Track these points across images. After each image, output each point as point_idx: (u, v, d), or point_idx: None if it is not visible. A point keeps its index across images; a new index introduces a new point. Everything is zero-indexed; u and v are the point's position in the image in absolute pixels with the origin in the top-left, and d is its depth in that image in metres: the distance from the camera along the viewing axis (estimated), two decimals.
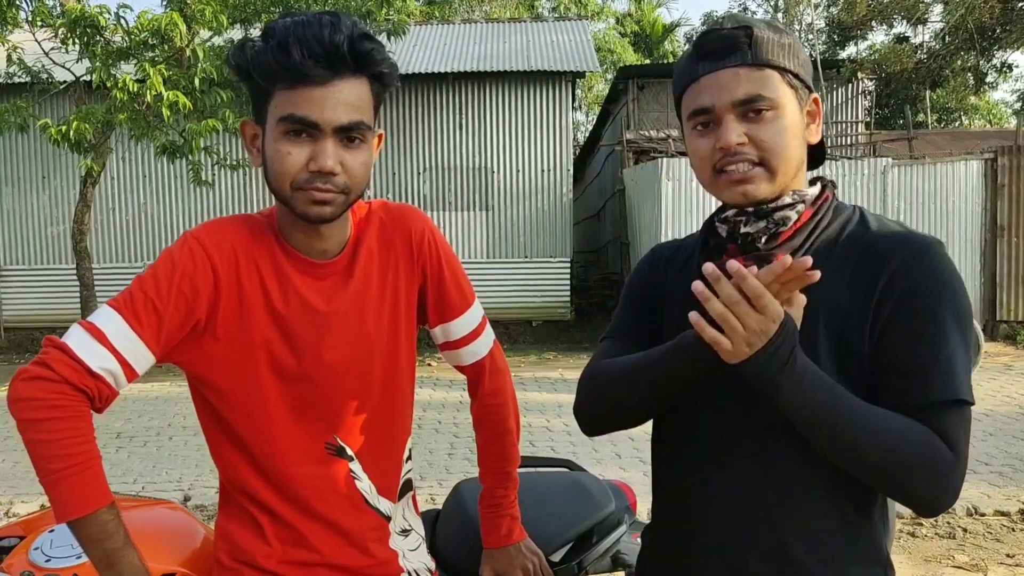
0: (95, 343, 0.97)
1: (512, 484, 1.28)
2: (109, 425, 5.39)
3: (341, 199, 1.03)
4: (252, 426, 1.09)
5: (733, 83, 0.94)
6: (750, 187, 0.94)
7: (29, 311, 9.46)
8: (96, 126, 6.47)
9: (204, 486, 4.21)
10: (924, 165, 8.77)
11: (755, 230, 0.97)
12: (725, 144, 0.94)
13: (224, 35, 6.93)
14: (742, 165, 0.94)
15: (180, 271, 1.02)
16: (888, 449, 0.86)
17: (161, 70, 6.16)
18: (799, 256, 0.82)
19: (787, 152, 0.94)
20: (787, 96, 0.94)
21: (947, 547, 3.34)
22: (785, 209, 0.96)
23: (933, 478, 0.86)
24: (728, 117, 0.94)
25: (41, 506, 3.96)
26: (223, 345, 1.06)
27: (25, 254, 9.48)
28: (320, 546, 1.11)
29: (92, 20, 6.40)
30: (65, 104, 8.08)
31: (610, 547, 1.42)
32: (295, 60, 0.97)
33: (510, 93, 9.43)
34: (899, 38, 13.53)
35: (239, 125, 1.12)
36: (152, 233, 9.39)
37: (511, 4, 19.99)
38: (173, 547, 1.24)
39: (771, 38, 0.95)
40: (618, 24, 23.18)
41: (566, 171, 9.53)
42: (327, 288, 1.10)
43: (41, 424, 0.94)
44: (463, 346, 1.24)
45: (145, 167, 9.25)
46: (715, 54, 0.95)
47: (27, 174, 9.38)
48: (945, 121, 21.08)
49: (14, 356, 9.28)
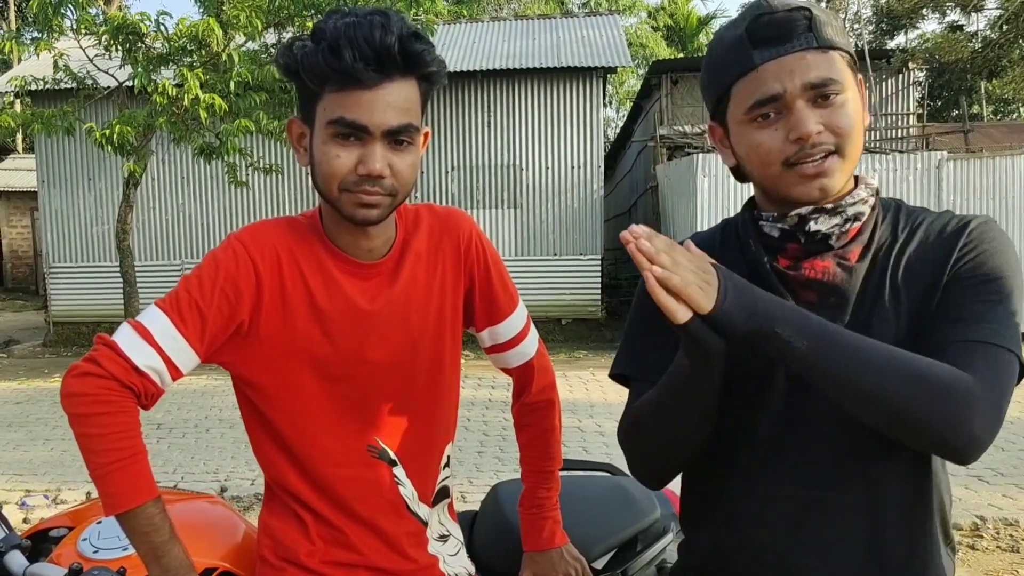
0: (141, 341, 0.99)
1: (555, 485, 1.26)
2: (151, 417, 5.56)
3: (388, 201, 1.02)
4: (294, 426, 1.09)
5: (802, 67, 0.86)
6: (827, 180, 0.88)
7: (75, 306, 9.80)
8: (138, 129, 6.67)
9: (240, 478, 4.34)
10: (982, 159, 8.43)
11: (827, 228, 0.90)
12: (805, 133, 0.86)
13: (258, 40, 7.07)
14: (819, 156, 0.87)
15: (223, 273, 1.03)
16: (898, 370, 0.80)
17: (198, 74, 6.33)
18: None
19: (859, 138, 0.89)
20: (851, 79, 0.89)
21: (1010, 561, 3.21)
22: (859, 204, 0.91)
23: (951, 408, 0.79)
24: (799, 104, 0.87)
25: (87, 495, 4.11)
26: (266, 346, 1.06)
27: (72, 252, 9.82)
28: (362, 547, 1.11)
29: (134, 27, 6.61)
30: (109, 109, 8.34)
31: (655, 556, 1.36)
32: (346, 63, 0.95)
33: (540, 90, 9.42)
34: (953, 26, 13.07)
35: (286, 124, 1.10)
36: (190, 232, 9.66)
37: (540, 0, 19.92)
38: (215, 541, 1.23)
39: (827, 19, 0.89)
40: (650, 18, 22.92)
41: (597, 168, 9.49)
42: (372, 288, 1.09)
43: (90, 418, 0.97)
44: (511, 348, 1.23)
45: (184, 169, 9.51)
46: (774, 40, 0.87)
47: (73, 176, 9.71)
48: (1002, 113, 20.30)
49: (62, 349, 9.63)
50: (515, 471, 1.42)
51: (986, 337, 0.83)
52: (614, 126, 20.30)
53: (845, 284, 0.90)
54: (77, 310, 9.80)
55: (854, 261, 0.91)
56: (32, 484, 4.34)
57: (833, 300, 0.91)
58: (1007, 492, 3.82)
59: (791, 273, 0.92)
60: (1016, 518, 3.52)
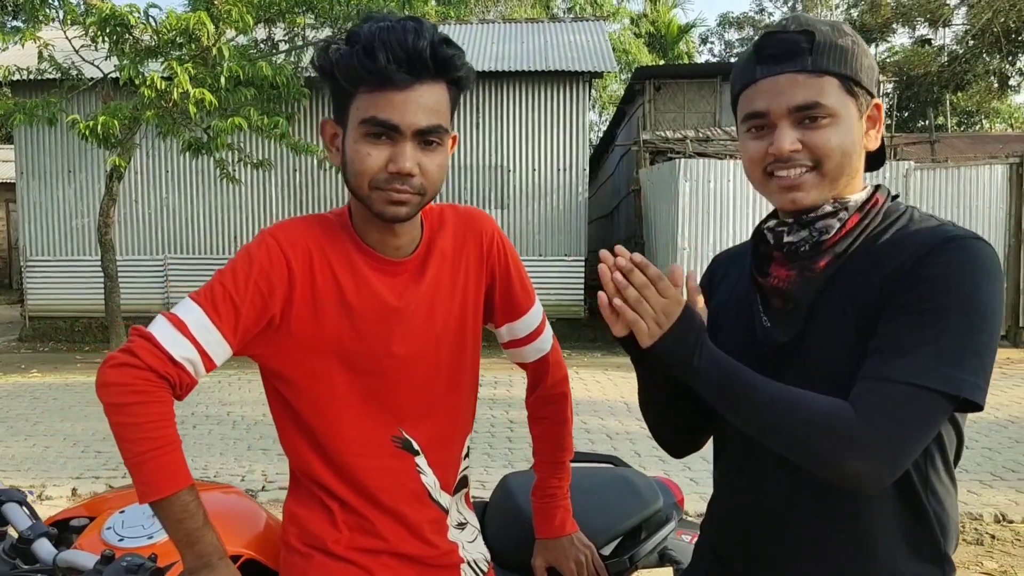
0: (177, 333, 1.01)
1: (566, 475, 1.31)
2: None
3: (417, 200, 1.06)
4: (322, 417, 1.11)
5: (791, 89, 0.92)
6: (799, 194, 0.94)
7: (53, 301, 9.63)
8: (123, 122, 6.60)
9: (229, 474, 4.32)
10: (947, 169, 8.72)
11: (797, 239, 0.97)
12: (777, 150, 0.93)
13: (249, 35, 7.05)
14: (794, 171, 0.94)
15: (257, 267, 1.05)
16: (787, 413, 0.87)
17: (188, 68, 6.28)
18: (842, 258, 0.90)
19: (841, 159, 0.93)
20: (845, 103, 0.93)
21: (975, 553, 3.34)
22: (827, 218, 0.95)
23: (825, 448, 0.84)
24: (783, 123, 0.93)
25: (72, 491, 4.08)
26: (296, 340, 1.08)
27: (50, 245, 9.64)
28: (386, 534, 1.14)
29: (122, 19, 6.54)
30: (92, 100, 8.22)
31: (658, 543, 1.42)
32: (380, 64, 0.99)
33: (527, 93, 9.50)
34: (922, 40, 13.48)
35: (320, 124, 1.13)
36: (174, 226, 9.54)
37: (527, 4, 20.03)
38: (239, 530, 1.24)
39: (833, 43, 0.93)
40: (633, 24, 23.16)
41: (582, 170, 9.60)
42: (399, 284, 1.12)
43: (127, 408, 0.98)
44: (529, 343, 1.27)
45: (168, 163, 9.38)
46: (774, 58, 0.94)
47: (53, 168, 9.54)
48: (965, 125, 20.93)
49: (38, 344, 9.45)
50: (506, 468, 1.46)
51: (895, 376, 0.84)
52: (597, 130, 20.47)
53: (799, 293, 0.96)
54: (55, 304, 9.63)
55: (818, 271, 0.96)
56: (16, 480, 4.26)
57: (790, 306, 0.98)
58: (971, 488, 3.99)
59: (760, 280, 1.01)
60: (980, 512, 3.69)
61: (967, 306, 0.85)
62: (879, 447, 0.83)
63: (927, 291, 0.86)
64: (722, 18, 26.45)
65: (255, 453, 4.67)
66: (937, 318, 0.85)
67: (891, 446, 0.83)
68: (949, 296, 0.85)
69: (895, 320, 0.87)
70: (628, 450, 4.74)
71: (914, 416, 0.84)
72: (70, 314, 9.55)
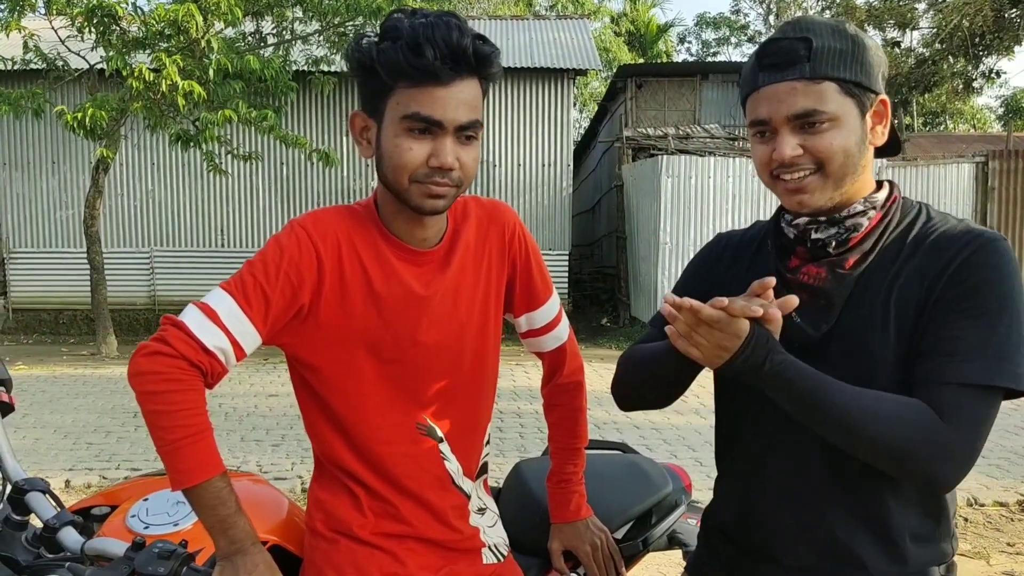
0: (209, 322, 1.01)
1: (581, 461, 1.34)
2: (130, 407, 5.46)
3: (453, 192, 1.08)
4: (347, 405, 1.13)
5: (790, 97, 0.95)
6: (805, 196, 0.97)
7: (37, 293, 9.52)
8: (110, 114, 6.58)
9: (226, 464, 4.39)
10: (917, 167, 9.04)
11: (825, 236, 0.99)
12: (779, 157, 0.97)
13: (238, 27, 7.05)
14: (797, 174, 0.97)
15: (287, 257, 1.05)
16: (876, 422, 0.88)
17: (177, 60, 6.27)
18: (870, 258, 0.94)
19: (844, 161, 0.96)
20: (845, 106, 0.95)
21: None
22: (857, 216, 0.98)
23: (933, 449, 0.87)
24: (783, 130, 0.96)
25: (66, 482, 4.08)
26: (324, 329, 1.09)
27: (34, 237, 9.53)
28: (411, 519, 1.15)
29: (109, 9, 6.50)
30: (78, 91, 8.14)
31: (668, 527, 1.46)
32: (426, 60, 1.00)
33: (512, 89, 9.56)
34: (892, 43, 13.83)
35: (350, 117, 1.13)
36: (160, 218, 9.47)
37: (510, 1, 20.09)
38: (264, 516, 1.24)
39: (831, 47, 0.94)
40: (613, 23, 23.35)
41: (566, 166, 9.71)
42: (425, 274, 1.14)
43: (160, 396, 0.98)
44: (547, 332, 1.30)
45: (154, 155, 9.32)
46: (774, 67, 0.96)
47: (36, 159, 9.42)
48: (931, 125, 21.47)
49: (22, 336, 9.34)
50: (517, 456, 1.51)
51: (974, 379, 0.88)
52: (578, 126, 20.63)
53: (833, 290, 0.98)
54: (39, 296, 9.53)
55: (848, 268, 0.98)
56: None
57: (822, 303, 0.99)
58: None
59: (789, 276, 1.02)
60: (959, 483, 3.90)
61: (1010, 304, 0.90)
62: (971, 454, 0.89)
63: (980, 293, 0.90)
64: (699, 18, 26.73)
65: (248, 444, 4.71)
66: (994, 318, 0.89)
67: (976, 451, 0.89)
68: (998, 297, 0.90)
69: (953, 322, 0.90)
70: (631, 438, 4.87)
71: (989, 415, 0.90)
72: (55, 306, 9.47)
